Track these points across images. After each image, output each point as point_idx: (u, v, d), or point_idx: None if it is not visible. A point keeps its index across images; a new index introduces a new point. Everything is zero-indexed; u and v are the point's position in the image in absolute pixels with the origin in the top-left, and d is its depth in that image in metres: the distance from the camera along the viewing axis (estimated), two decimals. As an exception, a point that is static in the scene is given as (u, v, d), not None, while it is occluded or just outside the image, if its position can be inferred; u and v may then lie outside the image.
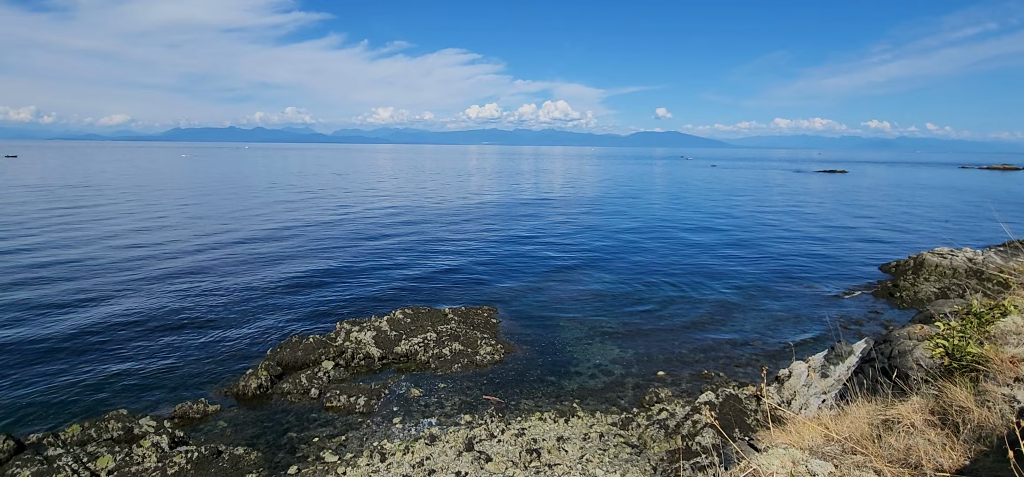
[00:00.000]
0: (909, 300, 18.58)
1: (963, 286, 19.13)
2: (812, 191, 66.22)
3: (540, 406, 11.43)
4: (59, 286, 19.21)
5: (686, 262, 25.01)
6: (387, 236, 30.83)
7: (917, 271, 21.17)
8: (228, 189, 58.93)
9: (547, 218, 39.52)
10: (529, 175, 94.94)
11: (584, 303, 18.62)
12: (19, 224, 31.97)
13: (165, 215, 37.73)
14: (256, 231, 31.69)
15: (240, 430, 10.40)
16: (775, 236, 32.31)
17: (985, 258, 21.19)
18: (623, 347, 14.61)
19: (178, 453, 8.98)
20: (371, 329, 14.56)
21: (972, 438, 3.54)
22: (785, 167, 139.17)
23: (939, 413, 3.96)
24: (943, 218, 41.75)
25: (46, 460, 8.48)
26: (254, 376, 11.99)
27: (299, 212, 40.86)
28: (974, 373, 4.32)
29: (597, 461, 9.06)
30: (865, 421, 4.18)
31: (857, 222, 38.76)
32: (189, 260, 23.85)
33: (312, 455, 9.53)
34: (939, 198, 58.60)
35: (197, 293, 18.85)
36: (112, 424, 9.80)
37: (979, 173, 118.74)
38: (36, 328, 15.19)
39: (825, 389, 10.13)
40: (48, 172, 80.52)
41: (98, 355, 13.57)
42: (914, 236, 32.80)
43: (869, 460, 3.61)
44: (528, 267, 23.81)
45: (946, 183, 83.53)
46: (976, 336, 4.85)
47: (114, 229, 31.31)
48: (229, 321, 16.30)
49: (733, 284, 21.04)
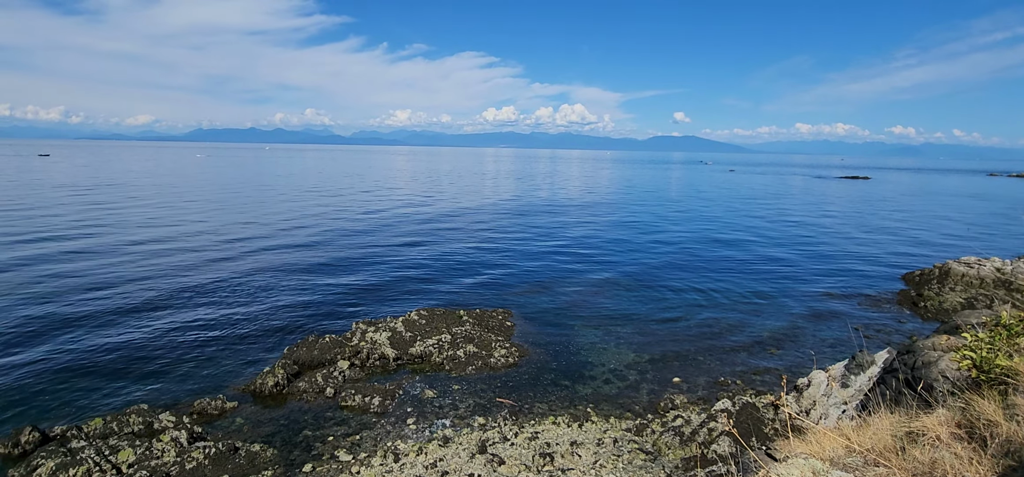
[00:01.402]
0: (933, 310, 18.13)
1: (991, 297, 18.61)
2: (833, 197, 65.07)
3: (554, 410, 11.38)
4: (82, 279, 19.68)
5: (704, 269, 24.74)
6: (403, 237, 31.04)
7: (942, 281, 20.66)
8: (251, 189, 59.91)
9: (562, 222, 39.43)
10: (545, 179, 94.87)
11: (599, 308, 18.51)
12: (50, 219, 32.88)
13: (186, 214, 38.49)
14: (273, 230, 32.14)
15: (257, 427, 10.53)
16: (794, 243, 31.79)
17: (1014, 268, 20.59)
18: (639, 352, 14.48)
19: (196, 448, 9.13)
20: (386, 330, 14.65)
21: (1000, 453, 3.43)
22: (806, 173, 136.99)
23: (966, 427, 3.85)
24: (970, 226, 40.70)
25: (70, 452, 8.68)
26: (271, 374, 12.14)
27: (316, 212, 41.34)
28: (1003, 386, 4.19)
29: (611, 467, 8.99)
30: (888, 433, 4.07)
31: (879, 229, 37.96)
32: (209, 258, 24.28)
33: (327, 454, 9.61)
34: (966, 206, 57.16)
35: (217, 291, 19.17)
36: (133, 418, 10.00)
37: (1008, 180, 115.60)
38: (60, 324, 15.58)
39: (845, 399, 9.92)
40: (77, 170, 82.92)
41: (120, 351, 13.86)
42: (939, 245, 32.02)
43: (892, 473, 3.52)
44: (543, 271, 23.76)
45: (973, 191, 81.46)
46: (1005, 348, 4.70)
47: (136, 226, 32.02)
48: (247, 319, 16.54)
49: (752, 291, 20.74)
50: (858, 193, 72.46)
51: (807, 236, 34.35)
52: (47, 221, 32.88)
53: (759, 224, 39.83)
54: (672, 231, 35.75)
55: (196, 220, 35.71)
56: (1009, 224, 42.02)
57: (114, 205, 42.04)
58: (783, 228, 37.91)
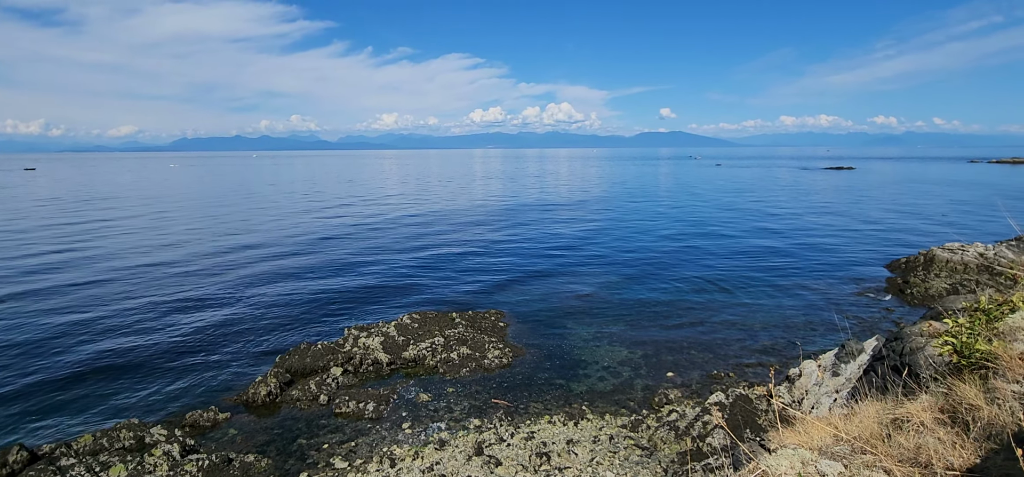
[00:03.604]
0: (920, 296, 18.42)
1: (974, 282, 18.95)
2: (819, 188, 65.80)
3: (549, 409, 11.43)
4: (69, 297, 19.42)
5: (693, 262, 24.92)
6: (393, 241, 30.94)
7: (927, 267, 21.00)
8: (237, 198, 59.36)
9: (552, 221, 39.52)
10: (533, 178, 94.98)
11: (591, 305, 18.60)
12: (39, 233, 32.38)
13: (173, 226, 38.08)
14: (261, 239, 31.90)
15: (250, 437, 10.47)
16: (782, 234, 32.13)
17: (996, 253, 20.98)
18: (632, 348, 14.57)
19: (189, 461, 9.06)
20: (379, 334, 14.61)
21: (982, 436, 3.52)
22: (791, 165, 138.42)
23: (949, 411, 3.94)
24: (953, 213, 41.37)
25: (59, 470, 8.58)
26: (263, 383, 12.07)
27: (304, 219, 41.10)
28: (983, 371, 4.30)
29: (607, 463, 9.05)
30: (874, 420, 4.16)
31: (865, 218, 38.47)
32: (197, 269, 24.04)
33: (322, 461, 9.58)
34: (948, 193, 58.06)
35: (205, 303, 19.00)
36: (124, 433, 9.90)
37: (988, 167, 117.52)
38: (47, 338, 15.36)
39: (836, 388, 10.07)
40: (57, 184, 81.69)
41: (109, 365, 13.70)
42: (923, 232, 32.50)
43: (879, 460, 3.59)
44: (535, 270, 23.81)
45: (955, 178, 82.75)
46: (984, 333, 4.81)
47: (122, 239, 31.63)
48: (238, 329, 16.41)
49: (742, 283, 20.94)
50: (843, 183, 73.35)
51: (795, 227, 34.72)
52: (35, 235, 32.39)
53: (746, 217, 40.19)
54: (661, 226, 35.97)
55: (181, 231, 35.35)
56: (990, 210, 42.76)
57: (97, 219, 41.49)
58: (770, 220, 38.29)
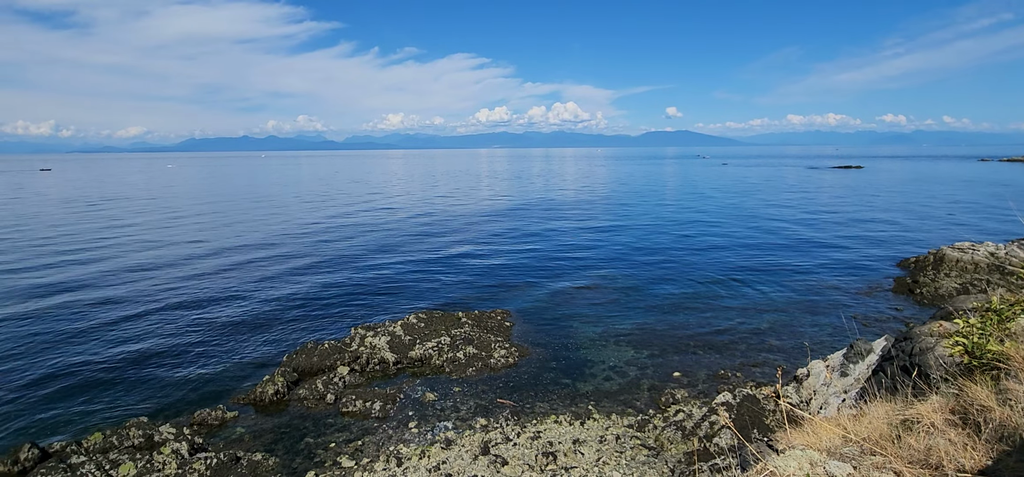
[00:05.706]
0: (930, 296, 18.25)
1: (985, 281, 18.75)
2: (827, 188, 65.35)
3: (555, 409, 11.42)
4: (79, 295, 19.61)
5: (700, 262, 24.82)
6: (399, 241, 31.02)
7: (937, 267, 20.79)
8: (244, 198, 59.73)
9: (558, 220, 39.47)
10: (539, 178, 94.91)
11: (597, 305, 18.56)
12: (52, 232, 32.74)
13: (181, 226, 38.35)
14: (269, 238, 32.06)
15: (258, 436, 10.53)
16: (790, 234, 31.93)
17: (1007, 253, 20.75)
18: (638, 348, 14.53)
19: (197, 459, 9.12)
20: (385, 334, 14.66)
21: (994, 437, 3.48)
22: (799, 164, 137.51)
23: (960, 412, 3.90)
24: (963, 212, 40.95)
25: (70, 468, 8.67)
26: (271, 382, 12.13)
27: (310, 219, 41.26)
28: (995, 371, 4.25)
29: (614, 463, 9.03)
30: (884, 421, 4.12)
31: (874, 218, 38.16)
32: (205, 268, 24.21)
33: (329, 460, 9.62)
34: (958, 192, 57.49)
35: (213, 302, 19.12)
36: (133, 432, 9.98)
37: (999, 165, 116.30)
38: (57, 338, 15.52)
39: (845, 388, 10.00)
40: (70, 185, 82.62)
41: (118, 365, 13.82)
42: (933, 232, 32.21)
43: (889, 461, 3.56)
44: (540, 270, 23.79)
45: (965, 176, 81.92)
46: (996, 333, 4.76)
47: (131, 238, 31.89)
48: (245, 328, 16.51)
49: (749, 283, 20.83)
50: (852, 182, 72.80)
51: (802, 227, 34.50)
52: (45, 237, 32.74)
53: (754, 216, 39.96)
54: (667, 226, 35.83)
55: (192, 229, 35.60)
56: (1001, 208, 42.29)
57: (109, 220, 41.88)
58: (778, 219, 38.05)
